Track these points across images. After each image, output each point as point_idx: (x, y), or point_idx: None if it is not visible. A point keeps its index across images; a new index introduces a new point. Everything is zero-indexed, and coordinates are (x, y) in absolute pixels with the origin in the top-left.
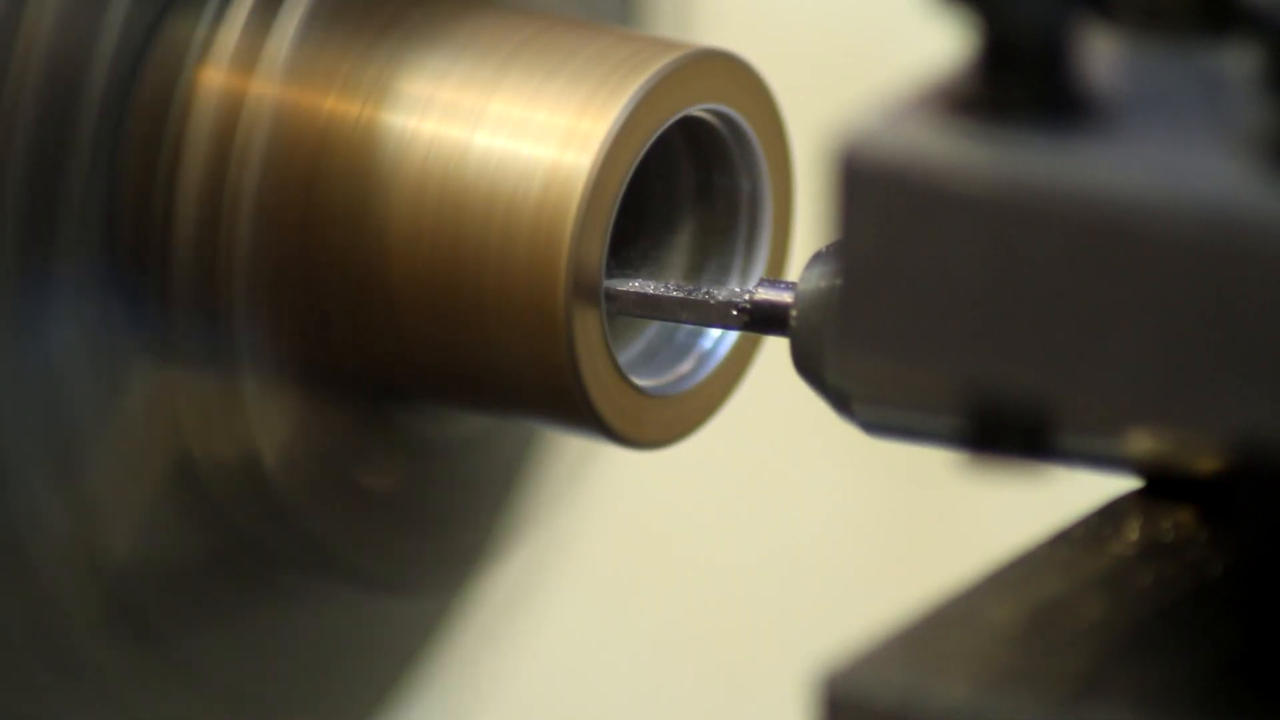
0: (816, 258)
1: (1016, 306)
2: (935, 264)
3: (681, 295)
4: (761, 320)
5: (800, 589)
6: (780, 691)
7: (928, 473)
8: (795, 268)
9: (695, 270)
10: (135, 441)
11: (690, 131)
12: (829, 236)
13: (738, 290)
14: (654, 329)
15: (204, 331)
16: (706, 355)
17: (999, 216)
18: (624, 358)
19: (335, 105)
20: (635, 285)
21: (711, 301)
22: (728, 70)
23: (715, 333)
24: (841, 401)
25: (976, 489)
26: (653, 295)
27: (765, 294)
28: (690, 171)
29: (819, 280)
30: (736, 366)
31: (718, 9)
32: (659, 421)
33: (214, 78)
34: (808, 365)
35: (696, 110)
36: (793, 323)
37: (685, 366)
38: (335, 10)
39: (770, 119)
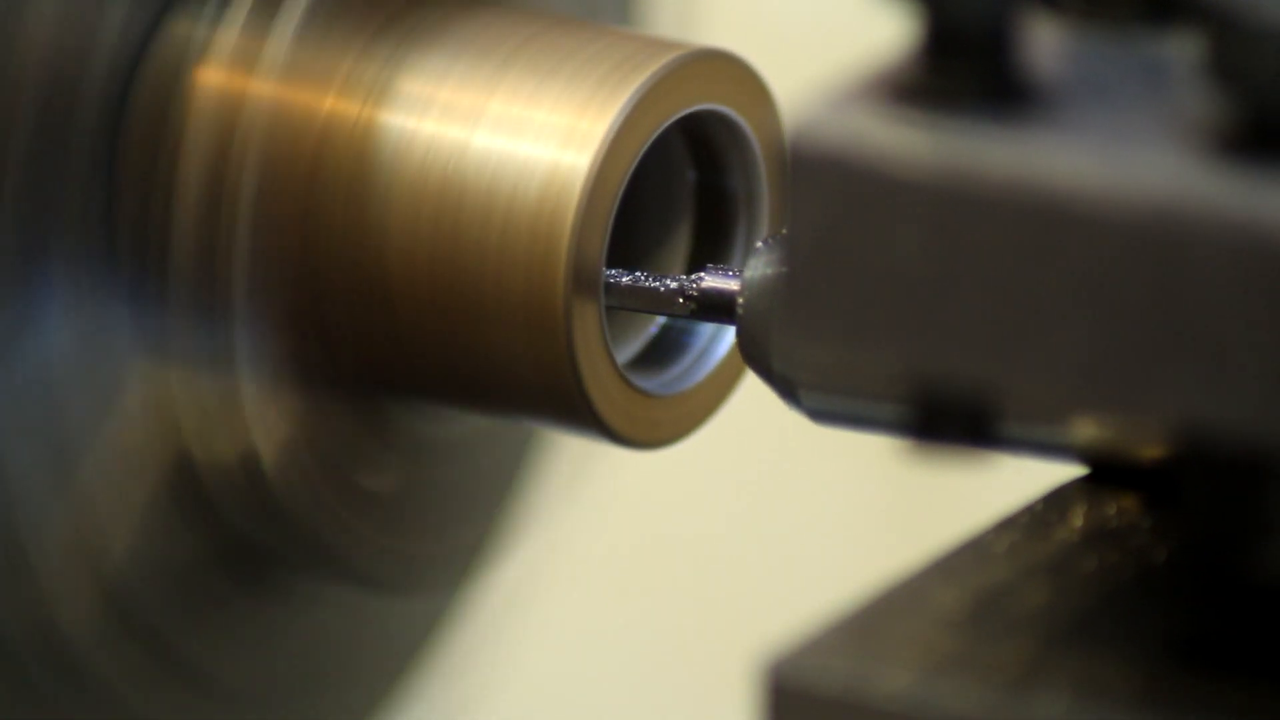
0: (763, 246)
1: (959, 293)
2: (879, 251)
3: (630, 283)
4: (709, 308)
5: (801, 588)
6: None
7: (930, 471)
8: None
9: (695, 269)
10: (134, 441)
11: (689, 131)
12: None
13: (686, 278)
14: (654, 329)
15: (203, 331)
16: (705, 355)
17: (942, 203)
18: (623, 358)
19: (334, 105)
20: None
21: (660, 289)
22: (727, 70)
23: (713, 332)
24: (788, 389)
25: (979, 488)
26: (606, 283)
27: (713, 282)
28: (689, 171)
29: (765, 268)
30: (736, 366)
31: (717, 9)
32: (658, 421)
33: (213, 78)
34: (754, 353)
35: (695, 109)
36: (740, 310)
37: (684, 366)
38: (334, 10)
39: (769, 119)
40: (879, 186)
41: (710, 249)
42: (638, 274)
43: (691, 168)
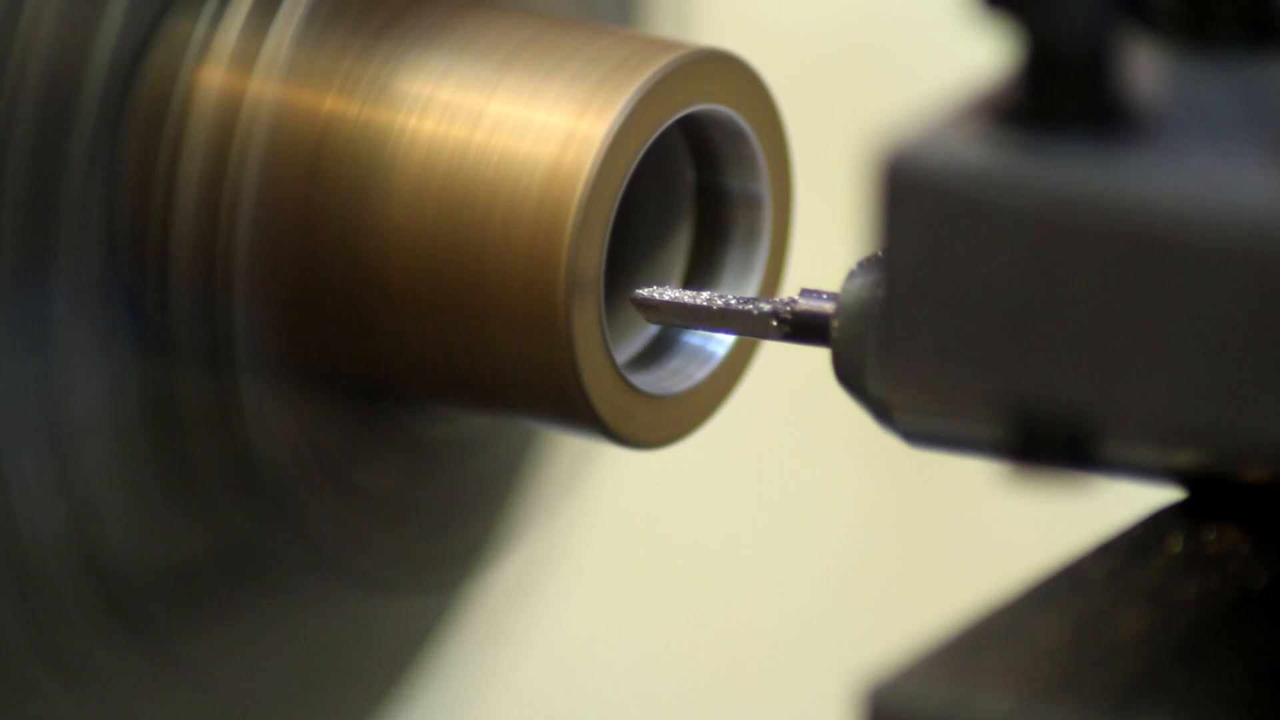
0: (859, 268)
1: (1060, 317)
2: (979, 275)
3: (723, 306)
4: (803, 330)
5: (801, 588)
6: (780, 691)
7: (930, 471)
8: (794, 269)
9: (695, 270)
10: (133, 440)
11: (690, 131)
12: (869, 245)
13: (779, 301)
14: (654, 329)
15: (203, 331)
16: (706, 356)
17: (1043, 228)
18: (623, 358)
19: (334, 105)
20: (675, 295)
21: (754, 312)
22: (727, 70)
23: (721, 336)
24: (883, 411)
25: (980, 487)
26: (692, 305)
27: (807, 304)
28: (690, 171)
29: (861, 291)
30: (735, 367)
31: (717, 9)
32: (658, 421)
33: (213, 77)
34: (849, 375)
35: (696, 109)
36: (834, 333)
37: (684, 367)
38: (334, 9)
39: (769, 119)
40: (979, 210)
41: (711, 249)
42: (729, 297)
43: (691, 168)
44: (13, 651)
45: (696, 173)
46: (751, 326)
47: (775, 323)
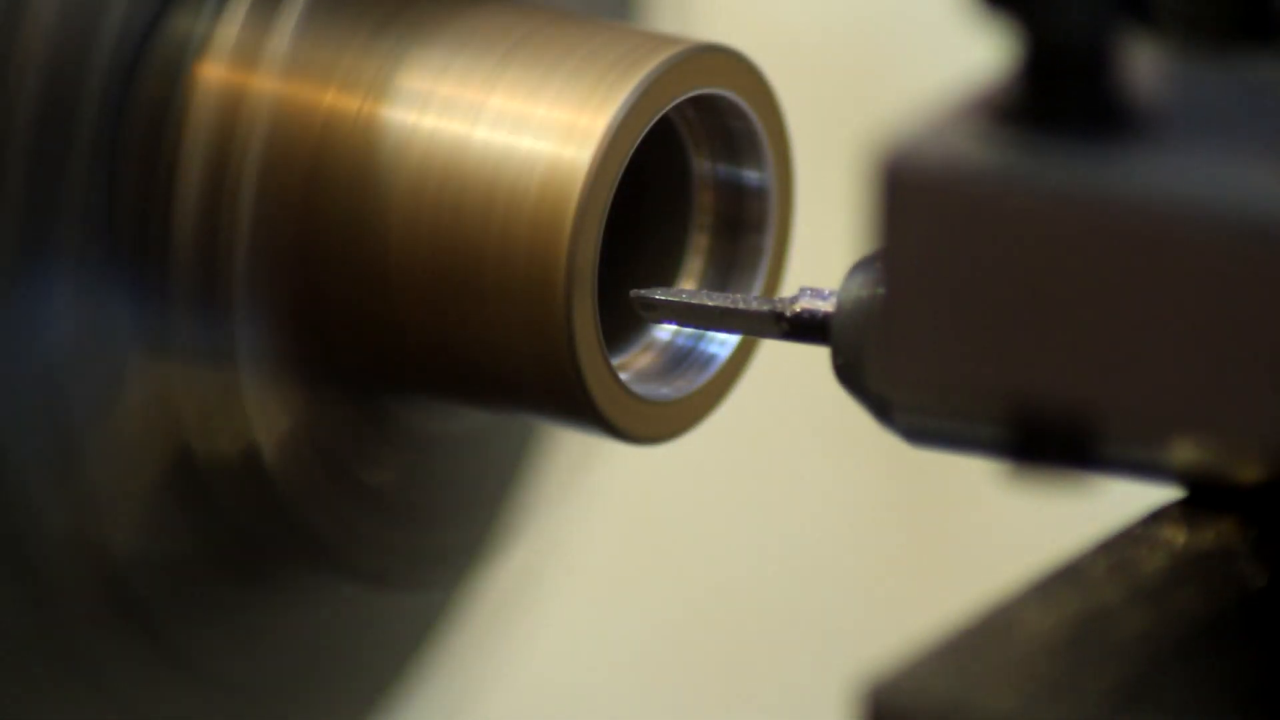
0: (858, 266)
1: (1061, 315)
2: (979, 272)
3: (723, 305)
4: (802, 329)
5: (800, 585)
6: (779, 689)
7: (931, 470)
8: (795, 263)
9: (697, 265)
10: (135, 436)
11: (693, 125)
12: (868, 243)
13: (779, 300)
14: (654, 330)
15: (204, 325)
16: (707, 357)
17: (1044, 226)
18: (624, 359)
19: (335, 100)
20: (675, 294)
21: (753, 311)
22: (727, 65)
23: (719, 337)
24: (883, 410)
25: (980, 486)
26: (693, 305)
27: (807, 303)
28: (693, 165)
29: (860, 290)
30: (736, 363)
31: (717, 4)
32: (658, 417)
33: (214, 73)
34: (849, 374)
35: (703, 102)
36: (834, 332)
37: (686, 370)
38: (335, 5)
39: (771, 114)
40: (979, 209)
41: (713, 243)
42: (730, 296)
43: (694, 162)
44: (15, 647)
45: (699, 167)
46: (752, 325)
47: (775, 321)
